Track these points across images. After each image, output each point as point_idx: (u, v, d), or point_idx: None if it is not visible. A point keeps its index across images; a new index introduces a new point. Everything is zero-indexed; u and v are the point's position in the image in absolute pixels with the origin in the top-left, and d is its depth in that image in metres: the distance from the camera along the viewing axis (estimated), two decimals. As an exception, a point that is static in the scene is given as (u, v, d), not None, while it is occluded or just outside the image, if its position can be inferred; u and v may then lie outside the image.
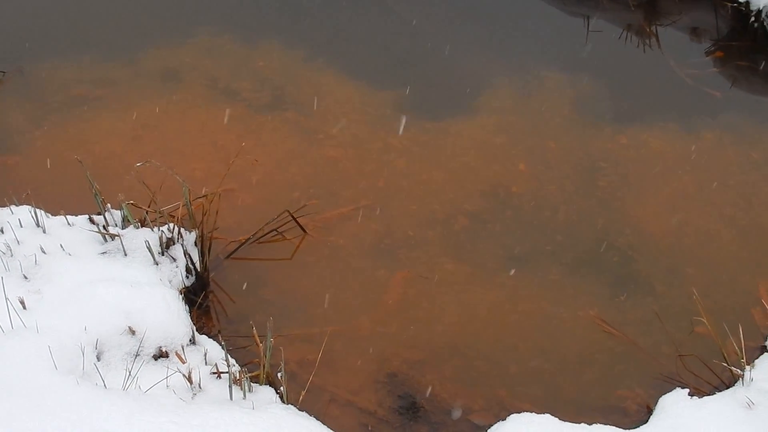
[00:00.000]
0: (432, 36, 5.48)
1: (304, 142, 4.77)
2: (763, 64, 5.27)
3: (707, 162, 4.74)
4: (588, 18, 5.57)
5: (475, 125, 4.89)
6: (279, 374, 3.40)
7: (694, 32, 5.52)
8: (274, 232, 4.27)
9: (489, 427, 3.46)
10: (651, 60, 5.39)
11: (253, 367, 3.58)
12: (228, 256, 4.14)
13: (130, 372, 3.24)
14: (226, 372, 3.35)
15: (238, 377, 3.34)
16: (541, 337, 3.99)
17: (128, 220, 3.90)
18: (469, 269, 4.20)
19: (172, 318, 3.49)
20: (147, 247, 3.74)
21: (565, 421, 3.45)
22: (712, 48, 5.40)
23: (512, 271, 4.18)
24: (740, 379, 3.56)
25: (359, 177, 4.60)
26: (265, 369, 3.42)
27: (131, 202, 3.91)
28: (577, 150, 4.77)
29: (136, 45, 5.31)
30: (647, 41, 5.49)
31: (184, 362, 3.39)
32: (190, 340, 3.52)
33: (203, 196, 4.07)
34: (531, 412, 3.47)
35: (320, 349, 3.69)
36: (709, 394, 3.59)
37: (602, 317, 4.03)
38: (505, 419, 3.44)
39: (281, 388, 3.39)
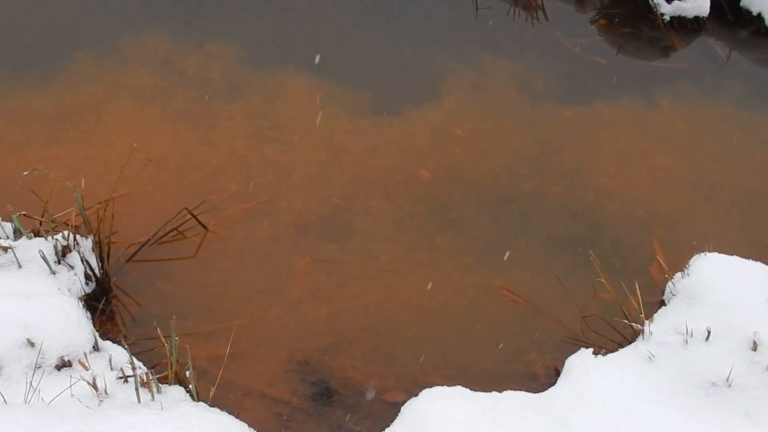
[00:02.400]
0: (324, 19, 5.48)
1: (240, 136, 4.70)
2: (646, 29, 5.43)
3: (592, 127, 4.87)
4: (476, -5, 5.65)
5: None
6: (188, 372, 3.37)
7: (579, 3, 5.64)
8: (176, 232, 4.21)
9: (402, 405, 3.49)
10: (540, 33, 5.49)
11: (163, 368, 3.53)
12: (129, 260, 4.07)
13: (31, 384, 3.17)
14: (132, 375, 3.30)
15: (145, 379, 3.30)
16: (452, 311, 4.04)
17: (20, 232, 3.80)
18: (386, 245, 4.24)
19: (72, 326, 3.42)
20: (42, 257, 3.66)
21: (477, 391, 3.50)
22: (596, 17, 5.53)
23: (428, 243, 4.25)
24: (641, 334, 3.67)
25: (272, 169, 4.57)
26: (173, 368, 3.39)
27: (22, 213, 3.81)
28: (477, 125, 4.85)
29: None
30: (535, 15, 5.58)
31: (87, 369, 3.32)
32: (94, 347, 3.45)
33: (99, 203, 3.99)
34: (443, 385, 3.51)
35: (228, 343, 3.67)
36: (613, 352, 3.69)
37: (507, 287, 4.10)
38: (418, 395, 3.48)
39: (190, 386, 3.35)
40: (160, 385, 3.35)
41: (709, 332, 3.51)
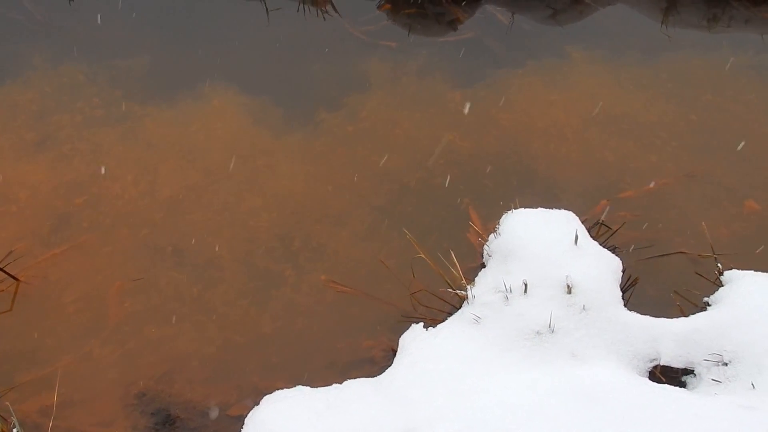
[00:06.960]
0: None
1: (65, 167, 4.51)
2: (430, 7, 5.57)
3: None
4: (263, -2, 5.65)
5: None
6: (14, 430, 3.23)
7: (364, -9, 5.72)
8: (-15, 288, 4.02)
9: (247, 416, 3.46)
10: (331, 27, 5.54)
11: (-9, 432, 3.38)
12: (-63, 326, 3.87)
13: None
14: (-46, 445, 3.14)
15: (-31, 447, 3.15)
16: (282, 312, 4.03)
17: None
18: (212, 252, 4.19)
19: None
20: None
21: (318, 387, 3.51)
22: (381, 2, 5.62)
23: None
24: (465, 299, 3.78)
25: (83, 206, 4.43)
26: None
27: None
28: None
29: None
30: (324, 9, 5.63)
31: None
32: None
33: None
34: (283, 388, 3.51)
35: (55, 390, 3.54)
36: (443, 321, 3.78)
37: (332, 279, 4.14)
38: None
39: (19, 444, 3.23)
40: (-13, 449, 3.20)
41: (526, 285, 3.66)
